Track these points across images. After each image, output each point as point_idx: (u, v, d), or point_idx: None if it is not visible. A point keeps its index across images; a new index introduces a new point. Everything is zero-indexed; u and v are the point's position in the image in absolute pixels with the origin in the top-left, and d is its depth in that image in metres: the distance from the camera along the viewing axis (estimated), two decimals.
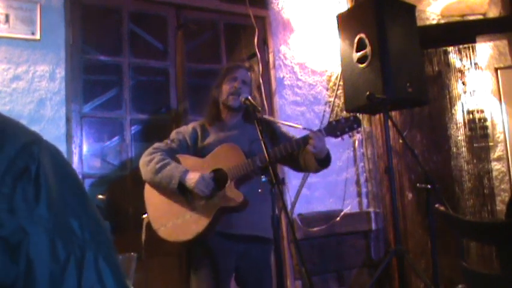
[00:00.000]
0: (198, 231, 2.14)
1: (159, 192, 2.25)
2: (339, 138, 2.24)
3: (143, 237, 2.27)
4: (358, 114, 3.42)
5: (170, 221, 2.20)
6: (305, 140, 2.18)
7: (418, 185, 2.60)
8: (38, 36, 2.59)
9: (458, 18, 3.89)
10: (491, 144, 3.75)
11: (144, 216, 2.29)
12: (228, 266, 2.23)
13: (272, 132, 2.42)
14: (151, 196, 2.27)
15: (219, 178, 2.20)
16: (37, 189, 0.54)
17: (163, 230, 2.20)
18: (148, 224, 2.25)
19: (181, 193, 2.18)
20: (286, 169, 2.84)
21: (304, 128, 2.35)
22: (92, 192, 2.79)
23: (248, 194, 2.16)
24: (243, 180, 2.20)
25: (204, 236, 2.16)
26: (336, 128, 2.21)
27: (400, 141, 3.45)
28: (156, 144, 2.32)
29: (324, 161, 2.26)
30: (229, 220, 2.19)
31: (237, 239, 2.21)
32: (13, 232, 0.51)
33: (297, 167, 2.45)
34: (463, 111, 3.76)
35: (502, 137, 3.76)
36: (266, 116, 2.63)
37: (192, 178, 2.14)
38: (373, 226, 3.47)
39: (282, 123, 2.55)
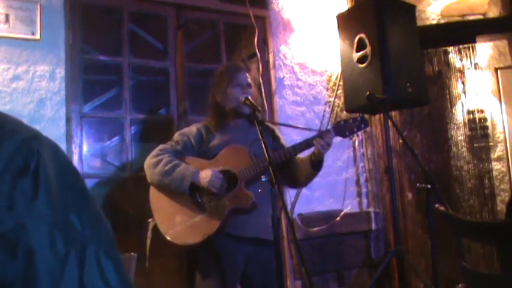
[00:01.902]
0: (209, 232, 2.14)
1: (165, 195, 2.23)
2: (347, 138, 2.28)
3: (148, 241, 2.26)
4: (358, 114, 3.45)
5: (179, 224, 2.18)
6: (308, 142, 2.19)
7: (418, 185, 2.59)
8: (38, 36, 2.59)
9: (458, 18, 3.89)
10: (491, 144, 3.75)
11: (150, 220, 2.28)
12: (235, 269, 2.21)
13: (273, 139, 2.43)
14: (158, 200, 2.25)
15: (228, 179, 2.20)
16: (36, 184, 0.54)
17: (172, 234, 2.18)
18: (154, 228, 2.23)
19: (191, 194, 2.17)
20: None
21: (312, 129, 2.36)
22: (92, 192, 2.78)
23: (254, 195, 2.17)
24: (251, 181, 2.20)
25: (214, 238, 2.15)
26: (345, 127, 2.25)
27: (400, 141, 3.45)
28: (161, 146, 2.30)
29: (318, 164, 2.26)
30: (237, 222, 2.18)
31: (244, 241, 2.21)
32: (12, 228, 0.51)
33: (288, 179, 2.42)
34: (463, 111, 3.76)
35: (502, 137, 3.76)
36: (270, 124, 2.62)
37: (205, 176, 2.14)
38: (373, 226, 3.47)
39: (296, 127, 2.54)
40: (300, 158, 2.35)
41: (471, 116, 3.76)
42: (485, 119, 3.76)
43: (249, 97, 2.25)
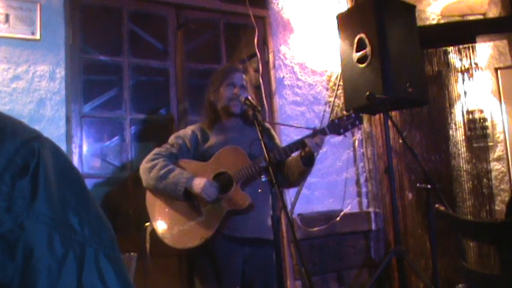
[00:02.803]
0: (206, 236, 2.13)
1: (162, 199, 2.22)
2: (342, 136, 2.28)
3: (148, 246, 2.25)
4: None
5: (176, 227, 2.17)
6: (302, 141, 2.19)
7: (418, 185, 2.60)
8: (38, 36, 2.59)
9: (458, 18, 3.89)
10: (490, 144, 3.76)
11: (147, 224, 2.27)
12: (233, 270, 2.20)
13: (269, 138, 2.42)
14: (154, 203, 2.24)
15: (223, 181, 2.19)
16: (35, 184, 0.54)
17: (170, 238, 2.17)
18: (152, 232, 2.23)
19: (186, 199, 2.16)
20: None
21: (310, 128, 2.35)
22: (92, 192, 2.78)
23: (251, 195, 2.16)
24: (247, 182, 2.19)
25: (212, 240, 2.14)
26: (339, 125, 2.24)
27: (400, 141, 3.45)
28: (156, 150, 2.29)
29: (309, 160, 2.25)
30: (234, 223, 2.17)
31: (242, 242, 2.20)
32: (11, 229, 0.51)
33: (280, 178, 2.40)
34: (462, 111, 3.76)
35: (501, 137, 3.76)
36: (266, 124, 2.62)
37: (198, 184, 2.13)
38: (373, 226, 3.47)
39: (292, 126, 2.54)
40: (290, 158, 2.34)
41: (471, 116, 3.76)
42: (485, 119, 3.76)
43: (249, 97, 2.25)
